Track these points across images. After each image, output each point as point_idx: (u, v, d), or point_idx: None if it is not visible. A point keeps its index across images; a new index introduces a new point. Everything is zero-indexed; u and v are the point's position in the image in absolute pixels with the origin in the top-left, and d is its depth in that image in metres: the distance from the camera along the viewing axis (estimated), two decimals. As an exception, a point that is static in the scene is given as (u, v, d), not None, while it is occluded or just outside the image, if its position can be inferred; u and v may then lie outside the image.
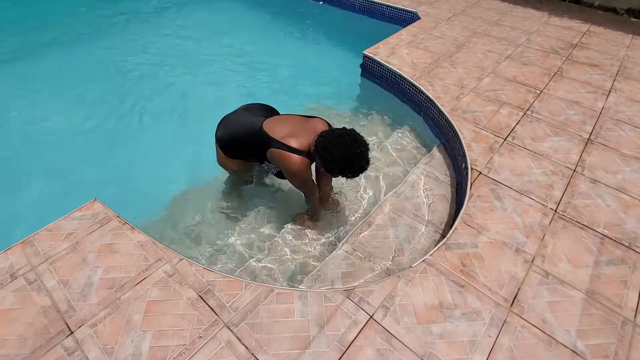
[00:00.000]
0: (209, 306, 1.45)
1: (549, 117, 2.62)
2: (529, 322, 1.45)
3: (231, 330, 1.38)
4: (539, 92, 2.91)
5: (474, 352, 1.35)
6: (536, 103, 2.77)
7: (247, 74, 3.69)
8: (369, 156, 1.66)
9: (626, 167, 2.22)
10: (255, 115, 1.93)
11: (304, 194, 2.01)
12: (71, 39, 4.13)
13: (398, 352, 1.34)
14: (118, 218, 1.77)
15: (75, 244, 1.65)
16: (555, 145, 2.37)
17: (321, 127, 1.82)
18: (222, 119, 2.03)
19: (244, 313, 1.44)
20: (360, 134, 1.67)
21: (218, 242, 2.04)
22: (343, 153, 1.61)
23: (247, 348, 1.33)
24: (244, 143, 1.90)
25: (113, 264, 1.58)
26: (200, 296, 1.48)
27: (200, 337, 1.36)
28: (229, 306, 1.45)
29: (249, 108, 2.04)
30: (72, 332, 1.36)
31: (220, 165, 2.11)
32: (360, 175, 1.70)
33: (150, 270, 1.56)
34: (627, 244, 1.76)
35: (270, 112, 2.04)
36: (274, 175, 2.04)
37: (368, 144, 1.67)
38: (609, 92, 2.95)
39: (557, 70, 3.22)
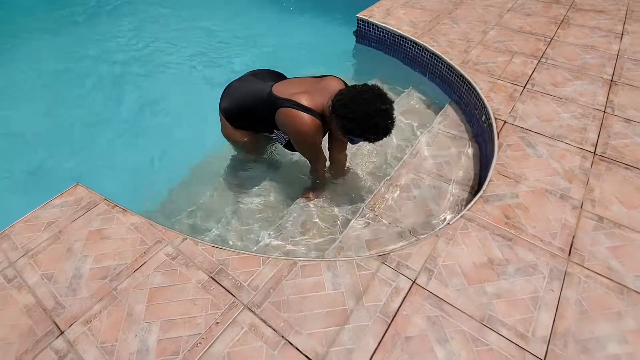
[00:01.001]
0: (223, 287, 1.23)
1: (565, 63, 2.44)
2: (593, 271, 1.27)
3: (253, 312, 1.17)
4: (549, 40, 2.72)
5: (538, 309, 1.16)
6: (549, 50, 2.59)
7: (232, 49, 3.41)
8: (395, 115, 1.44)
9: (658, 104, 2.06)
10: (263, 81, 1.70)
11: (311, 162, 1.79)
12: (50, 23, 3.79)
13: (452, 318, 1.14)
14: (106, 201, 1.53)
15: (58, 233, 1.41)
16: (579, 88, 2.19)
17: (337, 86, 1.59)
18: (227, 87, 1.80)
19: (265, 291, 1.22)
20: (384, 91, 1.45)
21: (223, 220, 1.81)
22: (365, 110, 1.39)
23: (275, 330, 1.12)
24: (252, 111, 1.68)
25: (105, 251, 1.34)
26: (212, 277, 1.26)
27: (218, 323, 1.14)
28: (247, 285, 1.24)
29: (255, 74, 1.81)
30: (62, 332, 1.13)
31: (225, 137, 1.87)
32: (383, 139, 1.46)
33: (150, 254, 1.33)
34: (679, 180, 1.60)
35: (278, 76, 1.82)
36: (284, 146, 1.80)
37: (393, 102, 1.45)
38: (622, 34, 2.78)
39: (563, 19, 3.03)
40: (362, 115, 1.40)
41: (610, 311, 1.17)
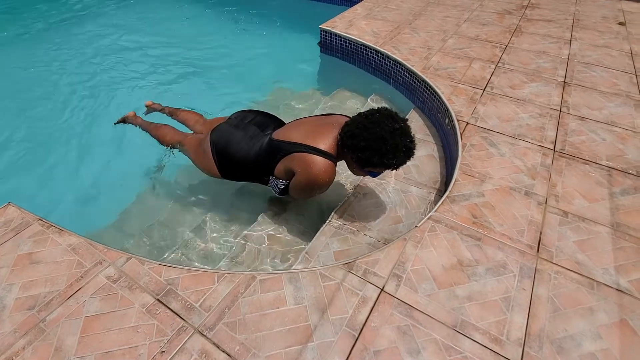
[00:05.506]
0: (171, 310, 1.09)
1: (521, 67, 2.52)
2: (562, 266, 1.24)
3: (205, 336, 1.04)
4: (504, 46, 2.82)
5: (511, 310, 1.11)
6: (505, 56, 2.67)
7: (194, 67, 3.29)
8: (414, 134, 1.31)
9: (608, 103, 2.14)
10: (264, 131, 1.58)
11: (297, 199, 1.68)
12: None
13: (424, 327, 1.06)
14: (40, 221, 1.36)
15: (-21, 260, 1.23)
16: (535, 90, 2.25)
17: (343, 120, 1.45)
18: (226, 132, 1.62)
19: (219, 311, 1.10)
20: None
21: (181, 237, 1.67)
22: (378, 133, 1.25)
23: (229, 355, 1.00)
24: (253, 164, 1.54)
25: (34, 278, 1.17)
26: (158, 300, 1.12)
27: (163, 352, 1.00)
28: (199, 306, 1.11)
29: (258, 123, 1.64)
30: (-28, 378, 0.95)
31: (201, 167, 1.71)
32: (406, 162, 1.33)
33: (87, 277, 1.18)
34: (634, 173, 1.63)
35: (275, 121, 1.69)
36: (277, 194, 1.62)
37: (407, 119, 1.34)
38: (570, 41, 2.93)
39: (516, 28, 3.17)
40: (375, 140, 1.25)
41: (582, 307, 1.13)
